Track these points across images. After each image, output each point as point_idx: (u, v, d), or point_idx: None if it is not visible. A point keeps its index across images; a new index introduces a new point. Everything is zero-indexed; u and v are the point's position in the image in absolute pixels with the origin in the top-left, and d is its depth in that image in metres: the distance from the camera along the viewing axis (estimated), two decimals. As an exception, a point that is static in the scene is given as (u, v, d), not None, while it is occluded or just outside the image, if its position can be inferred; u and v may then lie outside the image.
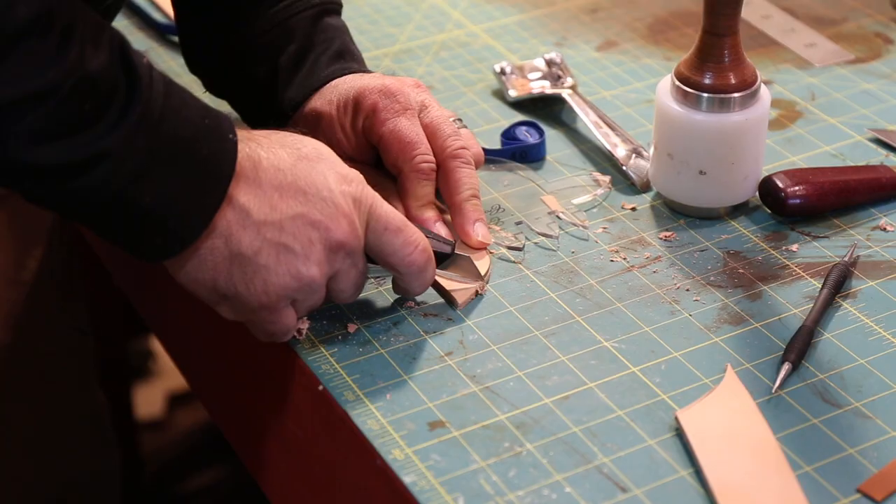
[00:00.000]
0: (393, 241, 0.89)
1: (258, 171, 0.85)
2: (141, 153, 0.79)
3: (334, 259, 0.87)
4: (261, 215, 0.84)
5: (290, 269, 0.85)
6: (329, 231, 0.86)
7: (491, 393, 0.88)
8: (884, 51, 1.26)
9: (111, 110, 0.78)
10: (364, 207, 0.88)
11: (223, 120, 0.84)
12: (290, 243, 0.85)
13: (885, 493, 0.80)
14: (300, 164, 0.86)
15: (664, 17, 1.32)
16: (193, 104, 0.83)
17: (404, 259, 0.90)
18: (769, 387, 0.88)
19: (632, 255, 1.00)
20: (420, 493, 0.81)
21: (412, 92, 1.00)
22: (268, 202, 0.84)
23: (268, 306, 0.86)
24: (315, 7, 1.04)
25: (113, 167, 0.78)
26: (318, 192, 0.86)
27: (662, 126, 1.02)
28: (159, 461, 1.82)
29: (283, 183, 0.85)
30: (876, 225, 1.03)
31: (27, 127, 0.75)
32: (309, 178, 0.86)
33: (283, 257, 0.85)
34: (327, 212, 0.86)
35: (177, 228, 0.82)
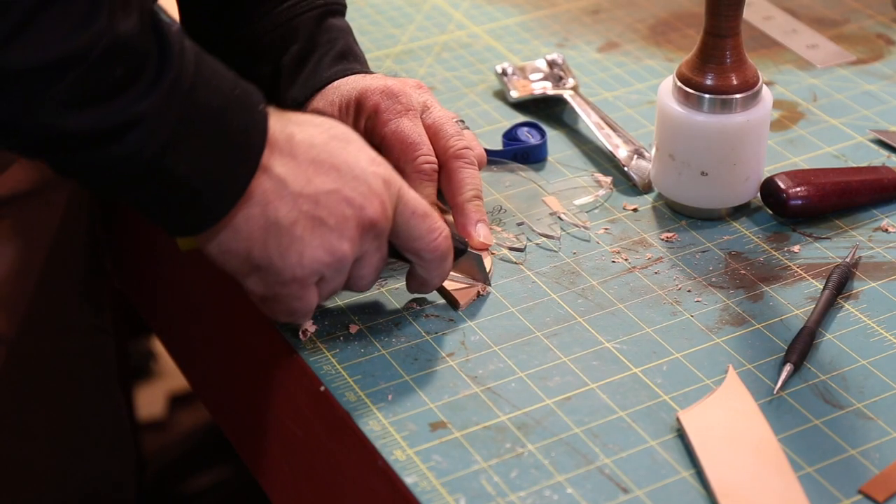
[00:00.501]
0: (420, 226, 0.89)
1: (292, 144, 0.85)
2: (173, 121, 0.78)
3: (364, 239, 0.87)
4: (297, 187, 0.84)
5: (325, 243, 0.85)
6: (363, 210, 0.86)
7: (492, 394, 0.88)
8: (885, 52, 1.26)
9: (143, 76, 0.77)
10: (393, 189, 0.88)
11: (253, 92, 0.84)
12: (325, 217, 0.85)
13: (887, 495, 0.80)
14: (332, 142, 0.87)
15: (666, 19, 1.32)
16: (224, 74, 0.83)
17: (430, 244, 0.90)
18: (771, 388, 0.88)
19: (633, 256, 1.00)
20: (421, 493, 0.81)
21: (414, 93, 1.00)
22: (304, 175, 0.84)
23: (300, 279, 0.86)
24: (319, 8, 1.04)
25: (145, 135, 0.78)
26: (350, 170, 0.86)
27: (664, 127, 1.02)
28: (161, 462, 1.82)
29: (318, 158, 0.85)
30: (877, 226, 1.03)
31: (58, 93, 0.75)
32: (341, 156, 0.86)
33: (318, 231, 0.85)
34: (360, 190, 0.86)
35: (210, 199, 0.82)
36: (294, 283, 0.86)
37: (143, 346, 1.93)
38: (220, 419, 1.10)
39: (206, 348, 1.10)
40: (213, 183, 0.82)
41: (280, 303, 0.88)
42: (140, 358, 1.92)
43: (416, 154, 0.97)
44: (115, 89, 0.76)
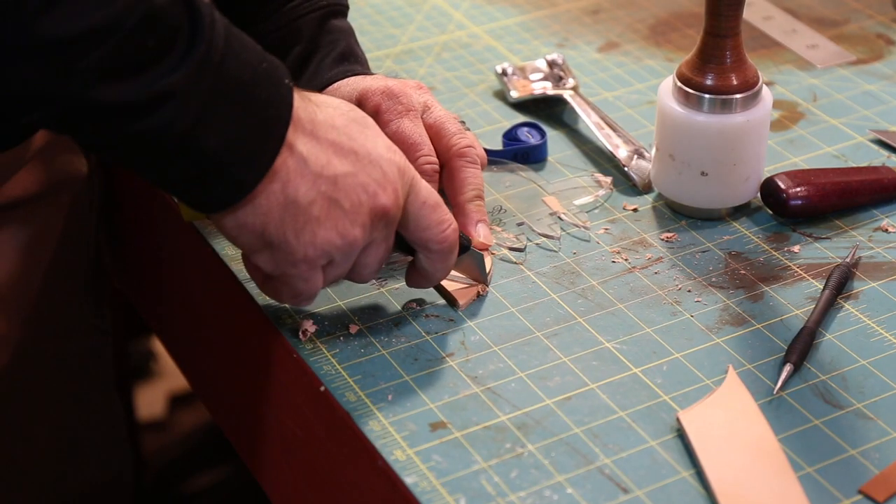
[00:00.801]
0: (430, 216, 0.89)
1: (314, 124, 0.85)
2: (204, 94, 0.78)
3: (375, 226, 0.87)
4: (317, 167, 0.84)
5: (338, 226, 0.85)
6: (377, 196, 0.86)
7: (492, 394, 0.88)
8: (885, 52, 1.26)
9: (175, 48, 0.77)
10: (407, 178, 0.88)
11: (279, 66, 0.84)
12: (341, 200, 0.85)
13: (887, 495, 0.80)
14: (352, 125, 0.87)
15: (666, 19, 1.32)
16: (252, 47, 0.82)
17: (438, 235, 0.90)
18: (771, 388, 0.88)
19: (633, 256, 1.00)
20: (421, 493, 0.81)
21: (415, 93, 1.00)
22: (324, 155, 0.84)
23: (310, 260, 0.85)
24: (322, 9, 1.04)
25: (177, 108, 0.77)
26: (368, 155, 0.86)
27: (664, 127, 1.02)
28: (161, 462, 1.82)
29: (337, 140, 0.85)
30: (878, 226, 1.03)
31: (91, 63, 0.75)
32: (360, 140, 0.86)
33: (333, 212, 0.85)
34: (376, 176, 0.86)
35: (238, 173, 0.81)
36: (304, 264, 0.86)
37: (143, 346, 1.93)
38: (220, 419, 1.10)
39: (206, 348, 1.10)
40: (242, 157, 0.81)
41: (286, 283, 0.87)
42: (140, 358, 1.92)
43: (416, 154, 0.98)
44: (147, 61, 0.76)
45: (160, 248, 1.15)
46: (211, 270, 1.01)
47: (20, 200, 1.04)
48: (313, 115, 0.85)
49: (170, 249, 1.13)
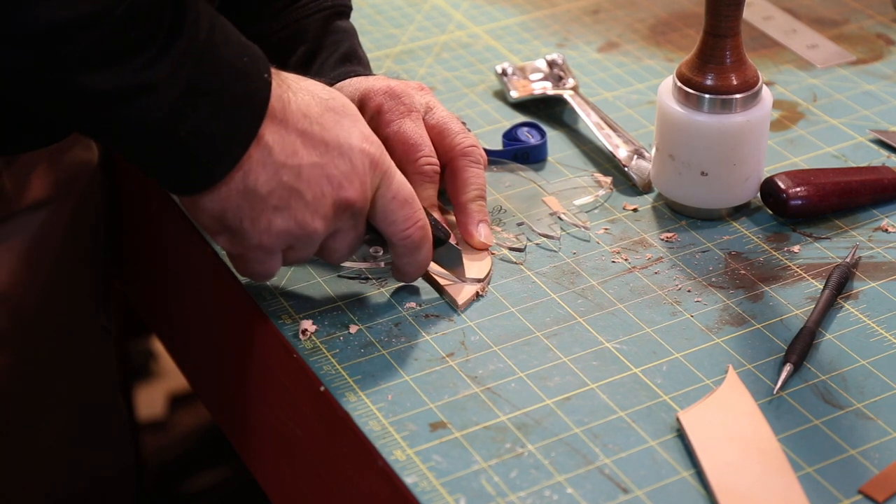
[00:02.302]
0: (396, 211, 0.90)
1: (286, 112, 0.85)
2: (182, 87, 0.80)
3: (339, 217, 0.88)
4: (282, 157, 0.85)
5: (297, 216, 0.86)
6: (342, 188, 0.86)
7: (492, 394, 0.88)
8: (885, 52, 1.26)
9: (157, 40, 0.79)
10: (379, 171, 0.88)
11: (260, 58, 0.85)
12: (303, 191, 0.86)
13: (887, 495, 0.80)
14: (327, 114, 0.87)
15: (665, 19, 1.32)
16: (235, 41, 0.84)
17: (401, 231, 0.91)
18: (771, 388, 0.88)
19: (633, 256, 1.00)
20: (421, 494, 0.81)
21: (417, 94, 1.00)
22: (290, 145, 0.85)
23: (265, 246, 0.87)
24: (327, 10, 1.05)
25: (155, 99, 0.79)
26: (339, 146, 0.87)
27: (664, 127, 1.02)
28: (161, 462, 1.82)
29: (308, 130, 0.86)
30: (877, 226, 1.03)
31: (78, 50, 0.77)
32: (333, 130, 0.87)
33: (293, 202, 0.86)
34: (344, 168, 0.87)
35: (208, 164, 0.83)
36: (259, 249, 0.87)
37: (143, 346, 1.93)
38: (220, 419, 1.10)
39: (206, 348, 1.10)
40: (213, 149, 0.83)
41: (242, 262, 0.89)
42: (140, 358, 1.92)
43: (417, 155, 0.98)
44: (130, 51, 0.78)
45: (160, 248, 1.15)
46: (211, 271, 1.01)
47: (29, 203, 1.05)
48: (287, 103, 0.85)
49: (170, 250, 1.13)
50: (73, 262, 1.11)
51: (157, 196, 1.09)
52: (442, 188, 1.01)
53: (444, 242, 0.95)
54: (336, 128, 0.87)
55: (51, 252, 1.08)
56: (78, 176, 1.09)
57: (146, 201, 1.14)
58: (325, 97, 0.88)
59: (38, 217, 1.06)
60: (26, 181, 1.05)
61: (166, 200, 1.07)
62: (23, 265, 1.05)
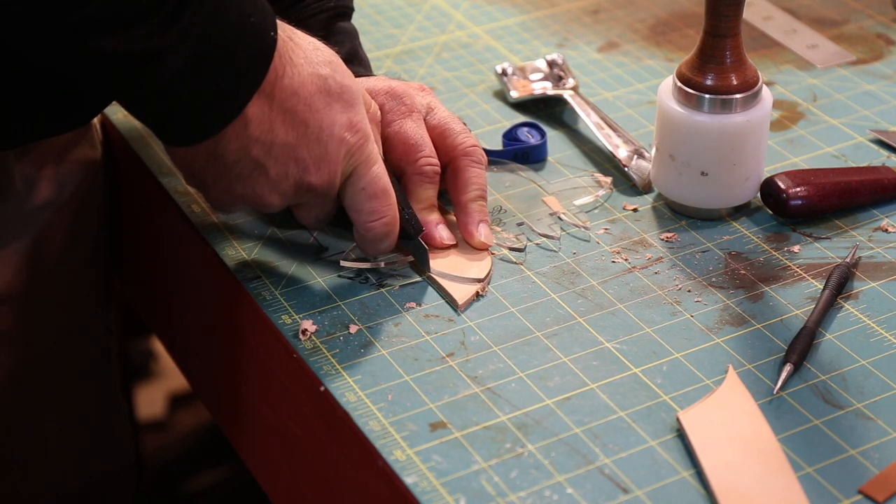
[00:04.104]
0: (363, 203, 0.92)
1: (275, 87, 0.86)
2: (189, 50, 0.81)
3: (299, 195, 0.90)
4: (257, 131, 0.86)
5: (256, 188, 0.88)
6: (306, 173, 0.88)
7: (492, 394, 0.88)
8: (885, 52, 1.26)
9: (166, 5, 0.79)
10: (353, 162, 0.90)
11: (268, 15, 0.85)
12: (269, 166, 0.87)
13: (887, 495, 0.80)
14: (318, 96, 0.88)
15: (666, 19, 1.32)
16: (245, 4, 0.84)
17: (366, 223, 0.93)
18: (771, 388, 0.88)
19: (633, 256, 1.00)
20: (422, 494, 0.81)
21: (418, 95, 1.00)
22: (269, 121, 0.86)
23: (222, 203, 0.91)
24: (330, 10, 1.05)
25: (163, 63, 0.80)
26: (318, 130, 0.88)
27: (664, 127, 1.02)
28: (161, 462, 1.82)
29: (292, 109, 0.87)
30: (878, 226, 1.03)
31: (89, 14, 0.78)
32: (318, 113, 0.88)
33: (255, 174, 0.88)
34: (316, 153, 0.88)
35: (198, 126, 0.85)
36: (214, 202, 0.92)
37: (143, 346, 1.93)
38: (220, 419, 1.10)
39: (206, 348, 1.10)
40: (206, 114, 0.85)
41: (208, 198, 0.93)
42: (140, 358, 1.92)
43: (417, 155, 0.98)
44: (139, 16, 0.79)
45: (160, 248, 1.15)
46: (211, 271, 1.01)
47: (37, 202, 1.05)
48: (279, 77, 0.86)
49: (170, 250, 1.13)
50: (76, 262, 1.11)
51: (157, 196, 1.09)
52: (442, 188, 1.01)
53: (412, 238, 0.97)
54: (323, 111, 0.88)
55: (54, 251, 1.08)
56: (82, 175, 1.09)
57: (146, 201, 1.14)
58: (325, 75, 0.88)
59: (43, 216, 1.06)
60: (35, 180, 1.05)
61: (166, 200, 1.07)
62: (26, 264, 1.05)
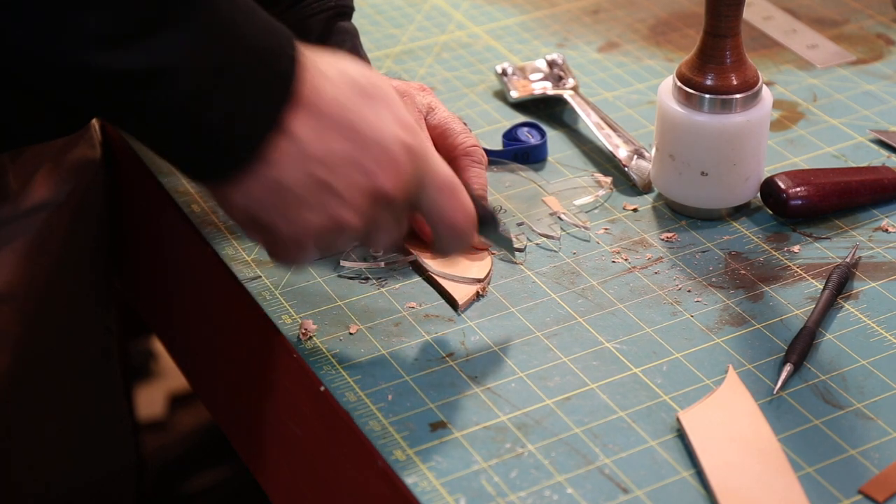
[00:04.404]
0: (445, 202, 0.85)
1: (319, 101, 0.80)
2: (204, 70, 0.75)
3: (375, 209, 0.82)
4: (312, 149, 0.79)
5: (329, 210, 0.81)
6: (376, 178, 0.81)
7: (492, 394, 0.88)
8: (885, 52, 1.26)
9: (174, 18, 0.74)
10: (419, 160, 0.83)
11: (286, 38, 0.80)
12: (335, 184, 0.80)
13: (887, 495, 0.80)
14: (362, 101, 0.81)
15: (666, 19, 1.32)
16: (258, 20, 0.79)
17: (447, 221, 0.86)
18: (771, 388, 0.88)
19: (633, 256, 1.00)
20: (422, 493, 0.81)
21: (418, 95, 1.00)
22: (322, 137, 0.80)
23: (299, 242, 0.83)
24: (330, 10, 1.04)
25: (175, 82, 0.75)
26: (374, 134, 0.81)
27: (664, 127, 1.02)
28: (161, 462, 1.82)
29: (342, 119, 0.80)
30: (878, 226, 1.03)
31: (92, 27, 0.73)
32: (368, 118, 0.81)
33: (325, 197, 0.80)
34: (378, 157, 0.81)
35: (230, 150, 0.78)
36: (293, 245, 0.83)
37: (143, 346, 1.93)
38: (220, 419, 1.10)
39: (206, 348, 1.10)
40: (234, 134, 0.78)
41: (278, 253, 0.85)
42: (140, 358, 1.92)
43: None
44: (148, 29, 0.74)
45: (160, 248, 1.15)
46: (211, 271, 1.01)
47: (34, 203, 1.05)
48: (318, 91, 0.80)
49: (170, 250, 1.13)
50: (76, 261, 1.11)
51: (157, 196, 1.09)
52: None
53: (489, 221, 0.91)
54: (371, 115, 0.81)
55: (53, 251, 1.08)
56: (81, 175, 1.09)
57: (146, 201, 1.14)
58: (358, 79, 0.82)
59: (42, 216, 1.06)
60: (31, 180, 1.05)
61: (166, 200, 1.07)
62: (26, 264, 1.05)
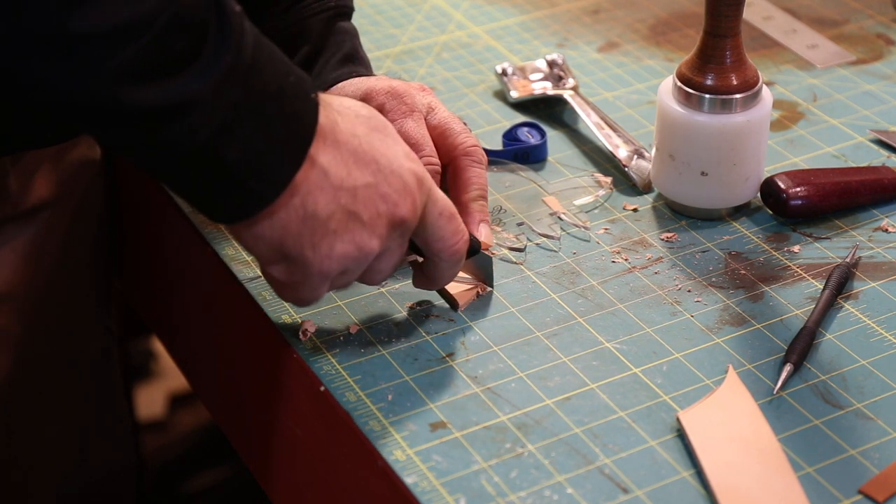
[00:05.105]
0: (445, 228, 0.88)
1: (336, 133, 0.82)
2: (229, 105, 0.76)
3: (391, 235, 0.85)
4: (337, 179, 0.82)
5: (356, 238, 0.83)
6: (396, 207, 0.84)
7: (492, 394, 0.88)
8: (885, 52, 1.26)
9: (203, 55, 0.75)
10: (425, 188, 0.87)
11: (305, 78, 0.82)
12: (360, 212, 0.83)
13: (887, 495, 0.80)
14: (373, 134, 0.85)
15: (666, 19, 1.32)
16: (280, 58, 0.80)
17: (451, 247, 0.89)
18: (771, 388, 0.88)
19: (633, 256, 1.00)
20: (422, 493, 0.81)
21: (418, 94, 1.00)
22: (345, 166, 0.82)
23: (325, 272, 0.84)
24: (330, 10, 1.05)
25: (200, 117, 0.75)
26: (389, 164, 0.84)
27: (664, 127, 1.02)
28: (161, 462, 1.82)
29: (359, 150, 0.83)
30: (877, 226, 1.03)
31: (118, 63, 0.73)
32: (381, 149, 0.85)
33: (351, 225, 0.83)
34: (396, 186, 0.84)
35: (257, 187, 0.80)
36: (318, 276, 0.84)
37: (143, 346, 1.93)
38: (220, 419, 1.10)
39: (206, 348, 1.10)
40: (263, 171, 0.79)
41: (293, 290, 0.86)
42: (140, 358, 1.92)
43: (419, 155, 0.97)
44: (173, 66, 0.74)
45: (160, 248, 1.15)
46: (211, 271, 1.01)
47: (34, 203, 1.05)
48: (335, 125, 0.83)
49: (170, 250, 1.13)
50: (76, 261, 1.11)
51: (157, 196, 1.09)
52: (443, 188, 1.01)
53: (476, 252, 0.95)
54: (383, 147, 0.85)
55: (54, 251, 1.08)
56: (81, 174, 1.09)
57: (146, 201, 1.14)
58: (365, 115, 0.86)
59: (42, 216, 1.06)
60: (31, 181, 1.05)
61: (166, 200, 1.07)
62: (26, 264, 1.05)
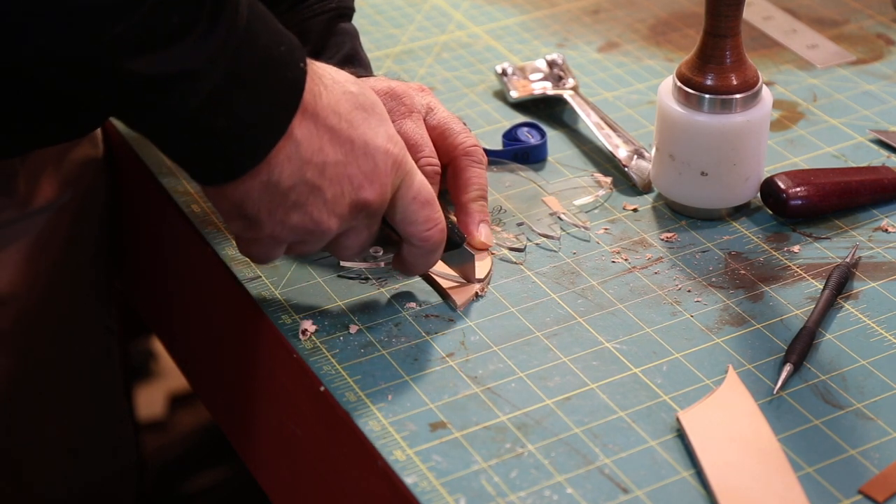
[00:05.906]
0: (417, 212, 0.90)
1: (317, 107, 0.84)
2: (220, 75, 0.79)
3: (354, 216, 0.87)
4: (308, 153, 0.84)
5: (313, 213, 0.85)
6: (361, 189, 0.86)
7: (492, 394, 0.88)
8: (885, 52, 1.26)
9: (198, 26, 0.77)
10: (400, 173, 0.88)
11: (296, 47, 0.84)
12: (324, 189, 0.85)
13: (887, 495, 0.80)
14: (355, 112, 0.86)
15: (666, 19, 1.32)
16: (273, 28, 0.82)
17: (421, 232, 0.90)
18: (771, 388, 0.88)
19: (633, 256, 1.00)
20: (421, 494, 0.81)
21: (418, 95, 1.01)
22: (318, 141, 0.84)
23: (276, 237, 0.87)
24: (331, 11, 1.05)
25: (194, 86, 0.78)
26: (364, 145, 0.86)
27: (664, 127, 1.02)
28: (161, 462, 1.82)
29: (336, 127, 0.85)
30: (877, 226, 1.03)
31: (120, 33, 0.75)
32: (360, 129, 0.86)
33: (311, 199, 0.85)
34: (366, 168, 0.86)
35: (240, 155, 0.82)
36: (269, 239, 0.87)
37: (143, 346, 1.93)
38: (220, 419, 1.10)
39: (206, 348, 1.10)
40: (245, 140, 0.82)
41: (248, 246, 0.89)
42: (140, 358, 1.92)
43: (418, 155, 0.98)
44: (171, 36, 0.77)
45: (160, 248, 1.15)
46: (211, 271, 1.01)
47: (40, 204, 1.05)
48: (317, 97, 0.84)
49: (170, 250, 1.13)
50: (77, 261, 1.11)
51: (157, 196, 1.09)
52: (443, 188, 1.01)
53: (458, 246, 0.95)
54: (363, 126, 0.86)
55: (55, 251, 1.08)
56: (84, 174, 1.09)
57: (146, 201, 1.14)
58: (355, 92, 0.87)
59: (45, 217, 1.06)
60: (37, 181, 1.05)
61: (166, 200, 1.07)
62: (28, 265, 1.05)
